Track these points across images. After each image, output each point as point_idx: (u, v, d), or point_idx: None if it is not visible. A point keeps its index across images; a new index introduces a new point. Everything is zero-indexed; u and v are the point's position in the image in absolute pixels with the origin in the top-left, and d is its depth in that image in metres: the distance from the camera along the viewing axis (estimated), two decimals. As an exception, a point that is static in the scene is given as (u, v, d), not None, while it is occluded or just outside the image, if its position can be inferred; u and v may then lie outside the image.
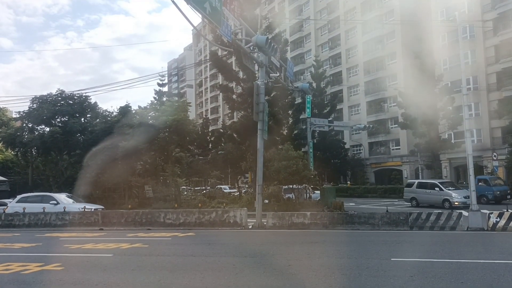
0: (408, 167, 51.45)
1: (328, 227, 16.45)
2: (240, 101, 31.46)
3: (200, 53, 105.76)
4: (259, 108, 18.78)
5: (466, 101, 18.66)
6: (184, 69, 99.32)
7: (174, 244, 13.52)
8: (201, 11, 13.40)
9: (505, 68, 42.04)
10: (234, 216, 17.79)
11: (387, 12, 55.04)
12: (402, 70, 51.69)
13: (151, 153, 30.87)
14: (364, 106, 58.27)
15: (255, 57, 19.29)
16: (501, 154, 37.55)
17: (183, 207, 24.11)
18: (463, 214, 16.23)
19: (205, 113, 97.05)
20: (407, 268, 8.63)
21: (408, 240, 13.58)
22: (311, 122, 30.78)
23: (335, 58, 64.05)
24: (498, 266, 8.80)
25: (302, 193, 26.47)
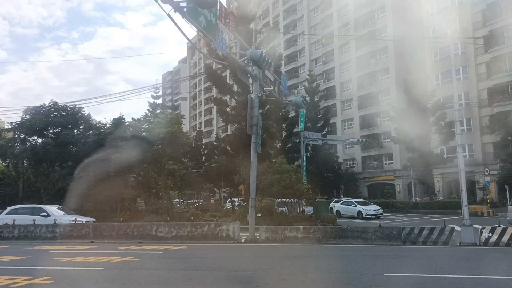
0: (401, 181, 51.64)
1: (321, 241, 16.39)
2: (234, 114, 31.53)
3: (194, 66, 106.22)
4: (253, 121, 18.81)
5: (458, 117, 18.82)
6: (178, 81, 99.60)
7: (165, 258, 13.38)
8: (196, 24, 13.48)
9: (496, 84, 42.60)
10: (226, 230, 17.67)
11: (380, 28, 55.76)
12: (395, 85, 52.22)
13: (144, 166, 30.68)
14: (357, 120, 58.63)
15: (250, 71, 19.38)
16: (492, 169, 37.82)
17: (175, 220, 23.91)
18: (455, 229, 16.25)
19: (199, 125, 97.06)
20: (400, 283, 8.60)
21: (401, 255, 13.55)
22: (305, 135, 30.88)
23: (329, 73, 64.60)
24: (490, 281, 8.79)
25: (295, 206, 26.39)
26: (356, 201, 35.08)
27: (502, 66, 42.54)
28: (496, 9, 42.63)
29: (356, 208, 33.46)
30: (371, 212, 32.44)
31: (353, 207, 33.84)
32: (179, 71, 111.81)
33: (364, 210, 32.69)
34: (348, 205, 34.75)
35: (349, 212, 33.78)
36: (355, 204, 34.18)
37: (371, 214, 32.17)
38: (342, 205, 35.31)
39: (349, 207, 34.37)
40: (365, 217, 31.61)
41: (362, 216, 32.13)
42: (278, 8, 76.32)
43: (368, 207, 33.57)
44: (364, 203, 34.72)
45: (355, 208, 33.64)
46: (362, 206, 33.46)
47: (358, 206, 33.66)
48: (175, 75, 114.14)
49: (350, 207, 34.31)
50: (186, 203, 40.16)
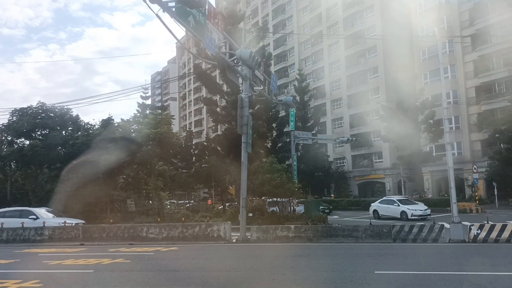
0: (391, 179, 52.00)
1: (312, 240, 16.43)
2: (224, 114, 31.50)
3: (184, 66, 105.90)
4: (243, 121, 18.80)
5: (446, 115, 19.00)
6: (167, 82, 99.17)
7: (156, 259, 13.32)
8: (185, 24, 13.43)
9: (484, 83, 43.13)
10: (218, 230, 17.63)
11: (369, 27, 56.09)
12: (383, 84, 52.61)
13: (134, 167, 30.54)
14: (347, 119, 58.92)
15: (239, 71, 19.37)
16: (481, 166, 38.26)
17: (166, 221, 23.82)
18: (445, 226, 16.39)
19: (189, 126, 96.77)
20: (390, 281, 8.65)
21: (392, 252, 13.63)
22: (295, 135, 30.94)
23: (318, 72, 64.81)
24: (480, 277, 8.89)
25: (286, 206, 26.45)
26: (398, 199, 30.26)
27: (489, 64, 43.08)
28: (483, 8, 43.13)
29: (399, 208, 28.82)
30: (418, 212, 27.87)
31: (395, 207, 29.22)
32: (168, 71, 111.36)
33: (410, 211, 28.03)
34: (388, 204, 30.07)
35: (390, 212, 29.27)
36: (398, 203, 29.40)
37: (418, 215, 27.62)
38: (381, 204, 30.69)
39: (389, 207, 29.74)
40: (411, 219, 26.97)
41: (407, 217, 27.55)
42: (267, 7, 76.39)
43: (414, 206, 29.02)
44: (408, 202, 30.00)
45: (397, 207, 28.99)
46: (407, 206, 28.75)
47: (401, 205, 28.99)
48: (164, 75, 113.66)
49: (391, 206, 29.65)
50: (176, 204, 40.00)
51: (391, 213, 29.09)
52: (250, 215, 24.57)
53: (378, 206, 30.61)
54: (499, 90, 42.38)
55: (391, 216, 28.83)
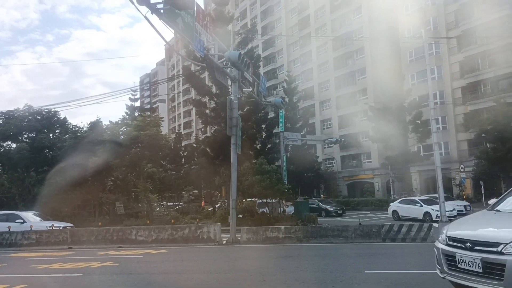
0: (379, 179, 52.35)
1: (302, 241, 16.46)
2: (213, 115, 31.42)
3: (172, 68, 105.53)
4: (232, 123, 18.79)
5: (433, 115, 19.24)
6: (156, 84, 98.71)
7: (146, 262, 13.23)
8: (173, 26, 13.39)
9: (470, 83, 43.68)
10: (207, 232, 17.58)
11: (357, 29, 56.47)
12: (371, 85, 52.98)
13: (123, 169, 30.30)
14: (336, 120, 59.21)
15: (228, 72, 19.36)
16: (468, 166, 38.71)
17: (155, 223, 23.68)
18: (433, 225, 16.55)
19: (178, 127, 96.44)
20: (380, 280, 8.70)
21: (381, 252, 13.72)
22: (284, 136, 30.94)
23: (307, 73, 65.05)
24: (467, 276, 8.97)
25: (276, 207, 26.48)
26: (421, 199, 27.66)
27: (474, 65, 43.66)
28: (468, 9, 43.70)
29: (422, 209, 26.29)
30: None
31: (418, 207, 26.72)
32: (157, 73, 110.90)
33: (434, 211, 24.87)
34: (410, 205, 27.62)
35: (411, 213, 26.72)
36: (420, 203, 26.77)
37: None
38: (402, 204, 28.29)
39: (411, 207, 27.27)
40: (436, 220, 23.37)
41: (431, 218, 24.81)
42: (256, 9, 76.49)
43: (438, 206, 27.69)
44: (432, 202, 26.78)
45: (420, 208, 26.46)
46: (430, 206, 25.92)
47: (424, 205, 26.34)
48: (153, 77, 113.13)
49: (413, 207, 27.19)
50: (166, 206, 39.79)
51: (412, 214, 26.57)
52: (240, 216, 24.55)
53: (398, 206, 28.44)
54: (485, 91, 42.95)
55: (412, 217, 26.38)
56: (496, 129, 35.76)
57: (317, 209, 34.29)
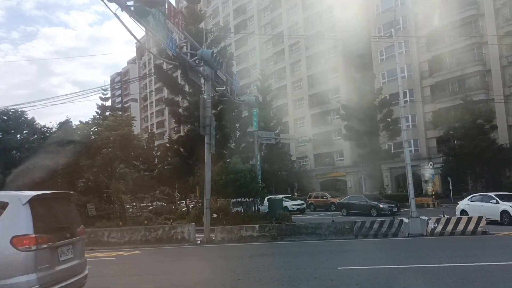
0: (352, 177, 53.13)
1: (276, 239, 16.55)
2: (187, 115, 31.18)
3: (144, 66, 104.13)
4: (205, 122, 18.70)
5: (403, 113, 19.66)
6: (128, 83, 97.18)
7: (118, 264, 13.02)
8: (144, 24, 13.19)
9: (438, 82, 44.84)
10: (181, 232, 17.45)
11: (328, 28, 57.07)
12: (344, 84, 53.65)
13: (94, 170, 29.68)
14: (309, 119, 59.74)
15: (201, 71, 19.24)
16: (436, 162, 39.75)
17: (128, 225, 23.32)
18: (404, 221, 16.92)
19: (151, 127, 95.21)
20: (353, 276, 8.83)
21: (354, 248, 13.93)
22: (258, 135, 31.01)
23: (280, 72, 65.34)
24: (437, 269, 9.22)
25: (251, 206, 26.49)
26: (497, 195, 21.73)
27: (442, 64, 44.85)
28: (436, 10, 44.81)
29: (498, 207, 20.30)
30: None
31: (493, 205, 20.63)
32: (128, 72, 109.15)
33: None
34: (482, 202, 21.42)
35: (485, 212, 19.80)
36: (496, 199, 21.03)
37: None
38: (473, 202, 22.13)
39: (484, 205, 20.99)
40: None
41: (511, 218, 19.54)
42: (228, 7, 76.30)
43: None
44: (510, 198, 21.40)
45: (495, 206, 20.47)
46: (510, 203, 20.24)
47: (501, 202, 20.57)
48: (124, 76, 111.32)
49: (486, 204, 20.96)
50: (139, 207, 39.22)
51: (485, 213, 19.46)
52: (215, 216, 24.47)
53: (468, 205, 22.25)
54: (453, 89, 44.18)
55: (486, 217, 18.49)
56: (463, 126, 36.86)
57: (365, 206, 28.81)
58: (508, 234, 15.05)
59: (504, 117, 39.96)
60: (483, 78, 42.15)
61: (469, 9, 42.23)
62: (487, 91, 41.31)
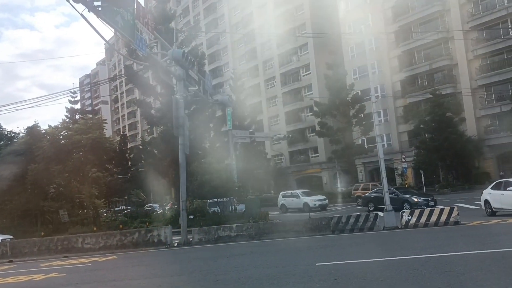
0: (327, 173, 53.67)
1: (254, 238, 16.52)
2: (159, 116, 30.78)
3: (114, 67, 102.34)
4: (179, 122, 18.48)
5: (375, 108, 19.94)
6: (97, 85, 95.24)
7: (94, 270, 12.72)
8: (112, 24, 12.91)
9: (408, 77, 45.75)
10: (158, 235, 17.21)
11: (300, 25, 57.45)
12: (316, 81, 54.14)
13: (65, 175, 28.97)
14: (283, 117, 59.98)
15: (173, 71, 19.01)
16: (408, 156, 40.57)
17: (102, 230, 22.87)
18: (379, 214, 17.17)
19: (123, 129, 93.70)
20: (331, 272, 8.88)
21: (331, 244, 14.04)
22: (233, 134, 30.90)
23: (253, 70, 65.33)
24: (412, 261, 9.38)
25: (228, 205, 26.37)
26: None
27: (411, 59, 45.79)
28: (404, 6, 45.72)
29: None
30: None
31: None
32: (98, 74, 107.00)
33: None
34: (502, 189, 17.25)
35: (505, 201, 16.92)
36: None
37: None
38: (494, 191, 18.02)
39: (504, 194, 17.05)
40: None
41: None
42: (198, 6, 75.76)
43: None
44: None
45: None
46: None
47: None
48: (93, 78, 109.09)
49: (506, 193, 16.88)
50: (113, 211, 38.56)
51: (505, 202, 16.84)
52: (191, 217, 24.23)
53: (490, 193, 18.24)
54: (422, 83, 45.17)
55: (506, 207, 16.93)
56: (433, 119, 37.76)
57: (396, 200, 22.83)
58: (479, 223, 15.46)
59: (472, 109, 41.12)
60: (451, 72, 43.26)
61: (435, 5, 43.23)
62: (455, 84, 42.42)
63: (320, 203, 31.87)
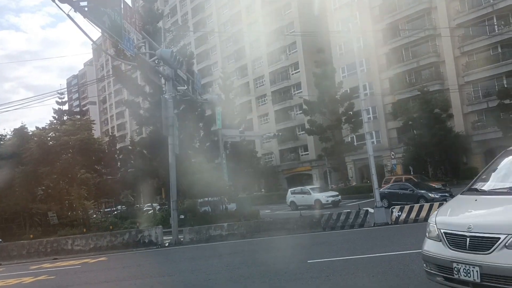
0: (317, 170, 53.85)
1: (245, 236, 16.53)
2: (148, 116, 30.58)
3: (102, 68, 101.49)
4: (168, 122, 18.41)
5: (364, 106, 20.05)
6: (85, 85, 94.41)
7: (84, 272, 12.62)
8: (99, 24, 12.81)
9: (396, 74, 46.05)
10: (149, 236, 17.14)
11: (288, 24, 57.52)
12: (305, 79, 54.26)
13: (53, 177, 28.66)
14: (273, 115, 60.03)
15: (161, 71, 18.92)
16: (397, 152, 40.85)
17: (92, 231, 22.67)
18: (369, 211, 17.28)
19: (112, 130, 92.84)
20: (323, 269, 8.92)
21: (322, 241, 14.09)
22: (223, 133, 30.83)
23: (242, 69, 65.29)
24: (403, 256, 9.46)
25: (218, 205, 26.35)
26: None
27: (399, 57, 46.10)
28: (391, 4, 46.00)
29: None
30: None
31: None
32: (85, 74, 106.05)
33: None
34: None
35: None
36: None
37: None
38: None
39: None
40: None
41: None
42: (186, 6, 75.45)
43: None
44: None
45: None
46: None
47: None
48: (81, 78, 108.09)
49: None
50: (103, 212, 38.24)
51: None
52: (182, 217, 24.13)
53: None
54: (410, 80, 45.49)
55: None
56: (421, 116, 38.06)
57: (411, 196, 23.08)
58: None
59: (459, 106, 41.53)
60: (438, 69, 43.63)
61: (422, 2, 43.55)
62: (442, 81, 42.80)
63: (333, 199, 30.02)
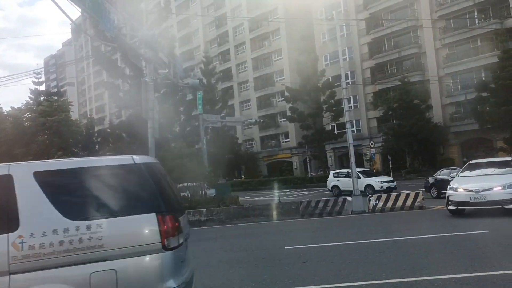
0: (297, 158, 54.19)
1: (224, 222, 16.56)
2: (128, 98, 30.18)
3: (81, 48, 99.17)
4: (148, 106, 18.11)
5: (345, 95, 20.15)
6: (63, 66, 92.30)
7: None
8: (79, 4, 12.39)
9: (377, 64, 46.40)
10: (127, 220, 16.98)
11: (272, 10, 57.09)
12: (288, 66, 54.16)
13: (29, 158, 28.12)
14: (255, 102, 59.90)
15: (142, 53, 18.56)
16: (377, 142, 41.38)
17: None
18: (347, 199, 17.49)
19: (90, 112, 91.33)
20: (300, 255, 9.00)
21: (300, 228, 14.22)
22: (204, 118, 30.62)
23: (225, 54, 64.74)
24: (378, 244, 9.62)
25: (198, 190, 26.27)
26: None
27: (381, 46, 46.40)
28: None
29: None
30: None
31: None
32: (64, 55, 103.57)
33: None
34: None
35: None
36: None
37: None
38: None
39: None
40: None
41: None
42: (169, -12, 74.01)
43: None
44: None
45: None
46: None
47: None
48: (59, 58, 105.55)
49: None
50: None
51: None
52: (161, 202, 24.03)
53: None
54: (391, 71, 45.93)
55: None
56: (401, 106, 38.54)
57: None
58: (442, 207, 15.97)
59: (439, 97, 42.18)
60: (419, 60, 44.12)
61: (405, -7, 43.77)
62: (422, 72, 43.32)
63: (388, 185, 25.17)
